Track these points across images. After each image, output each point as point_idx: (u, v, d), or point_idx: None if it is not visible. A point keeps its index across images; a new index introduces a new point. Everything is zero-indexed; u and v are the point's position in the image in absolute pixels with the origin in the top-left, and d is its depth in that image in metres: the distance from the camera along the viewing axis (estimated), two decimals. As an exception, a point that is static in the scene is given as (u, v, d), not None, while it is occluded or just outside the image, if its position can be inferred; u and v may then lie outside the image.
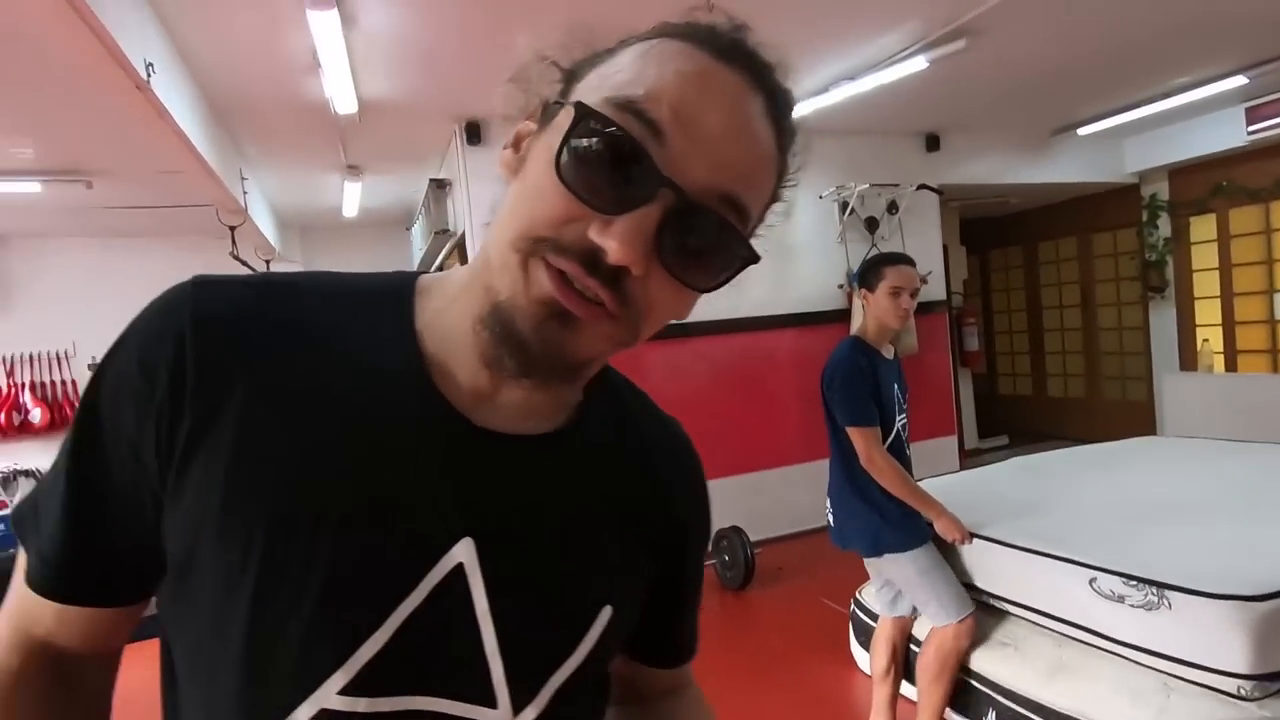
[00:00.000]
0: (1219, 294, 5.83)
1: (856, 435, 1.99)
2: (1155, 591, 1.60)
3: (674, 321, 0.47)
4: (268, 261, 5.57)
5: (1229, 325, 5.79)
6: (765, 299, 4.61)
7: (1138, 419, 6.26)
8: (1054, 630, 1.89)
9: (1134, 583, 1.64)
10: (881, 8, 2.96)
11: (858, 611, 2.65)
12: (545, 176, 0.41)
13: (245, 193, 4.11)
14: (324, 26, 2.48)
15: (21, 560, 0.45)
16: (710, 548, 3.05)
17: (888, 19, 3.08)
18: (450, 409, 0.45)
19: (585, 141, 0.40)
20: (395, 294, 0.49)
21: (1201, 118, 5.36)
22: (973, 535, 2.05)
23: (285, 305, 0.46)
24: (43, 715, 0.45)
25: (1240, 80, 4.30)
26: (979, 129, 5.20)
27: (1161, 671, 1.65)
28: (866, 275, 2.19)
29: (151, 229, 5.53)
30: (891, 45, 3.36)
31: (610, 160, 0.40)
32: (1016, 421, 7.44)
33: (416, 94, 3.47)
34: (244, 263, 4.59)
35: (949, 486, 2.72)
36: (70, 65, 2.23)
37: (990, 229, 7.57)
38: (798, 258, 4.71)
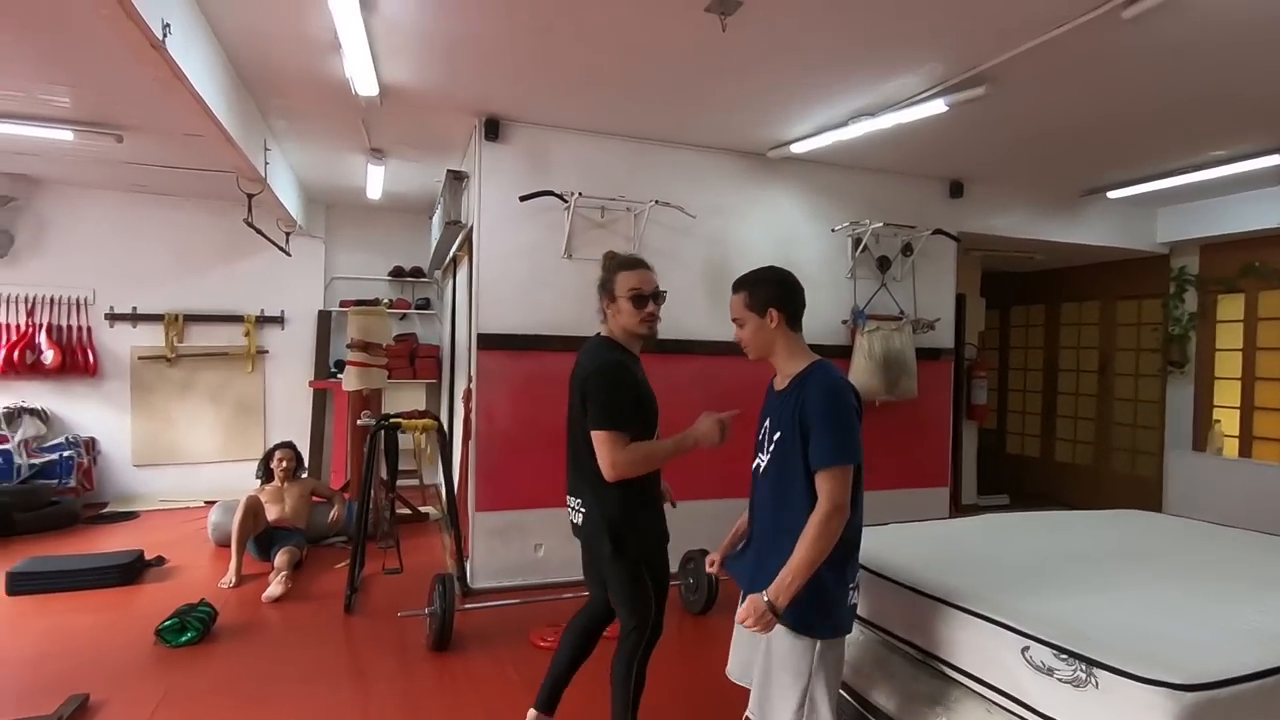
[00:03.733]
0: (1240, 376, 5.65)
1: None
2: (1084, 668, 1.52)
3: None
4: (288, 234, 5.68)
5: (1247, 409, 5.60)
6: (767, 326, 4.57)
7: (1143, 494, 6.07)
8: (984, 695, 1.82)
9: (1064, 656, 1.56)
10: (901, 46, 2.95)
11: None
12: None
13: (267, 163, 4.20)
14: (341, 6, 2.53)
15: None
16: (677, 569, 3.38)
17: (907, 58, 3.06)
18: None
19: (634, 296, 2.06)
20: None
21: (1239, 195, 5.23)
22: (918, 590, 2.00)
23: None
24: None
25: (1276, 160, 4.19)
26: (1004, 180, 5.13)
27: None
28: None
29: (177, 188, 5.67)
30: (912, 86, 3.33)
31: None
32: (1020, 482, 7.27)
33: (437, 84, 3.52)
34: (259, 230, 4.69)
35: (915, 534, 2.66)
36: (88, 15, 2.30)
37: (1014, 284, 7.45)
38: (805, 289, 4.66)
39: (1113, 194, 5.17)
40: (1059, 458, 7.14)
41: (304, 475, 4.87)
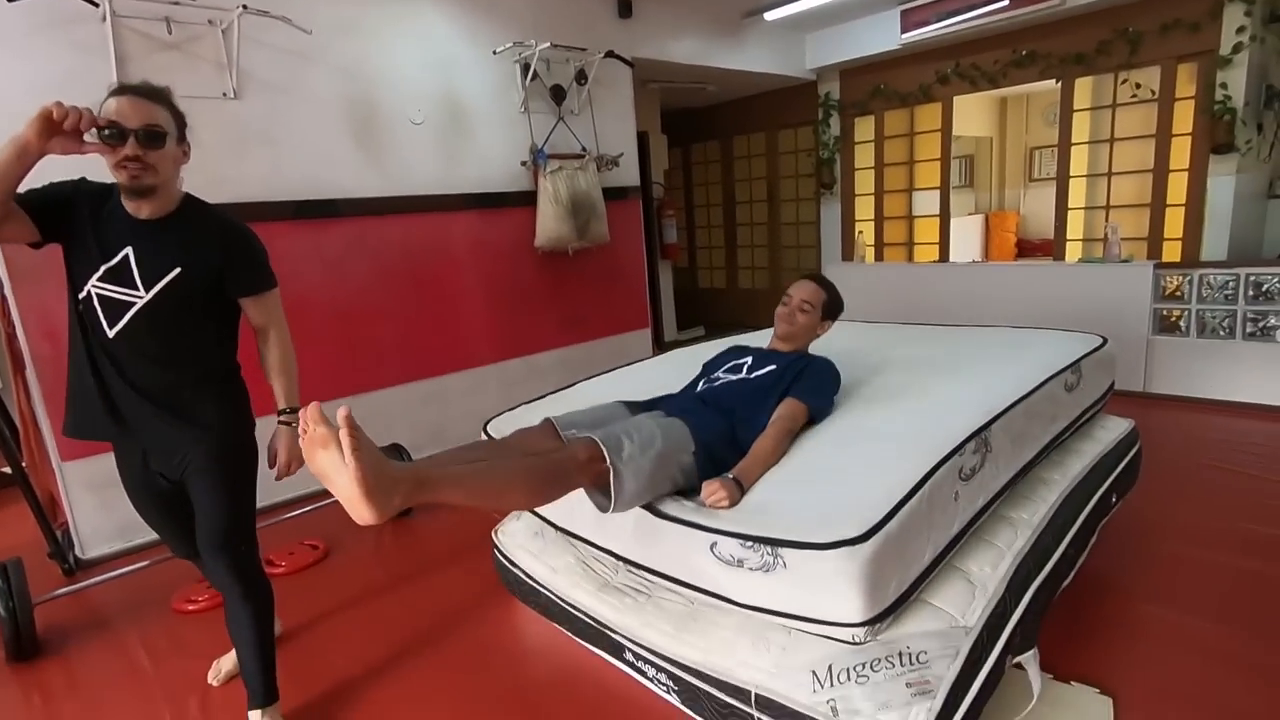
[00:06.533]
0: (873, 191, 6.44)
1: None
2: (770, 551, 1.37)
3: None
4: None
5: (879, 220, 6.46)
6: (435, 176, 3.88)
7: (808, 307, 6.85)
8: (686, 595, 1.63)
9: (749, 544, 1.40)
10: None
11: (500, 556, 2.27)
12: None
13: None
14: None
15: None
16: None
17: None
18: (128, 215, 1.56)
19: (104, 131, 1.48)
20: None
21: (866, 19, 5.64)
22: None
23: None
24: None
25: (898, -25, 4.45)
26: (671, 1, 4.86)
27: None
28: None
29: None
30: None
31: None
32: (714, 314, 7.81)
33: None
34: None
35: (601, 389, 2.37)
36: None
37: (692, 120, 7.55)
38: (474, 127, 4.02)
39: (769, 15, 5.21)
40: (742, 285, 7.75)
41: None
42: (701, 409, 1.85)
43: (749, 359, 2.05)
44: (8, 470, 3.97)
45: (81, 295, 1.57)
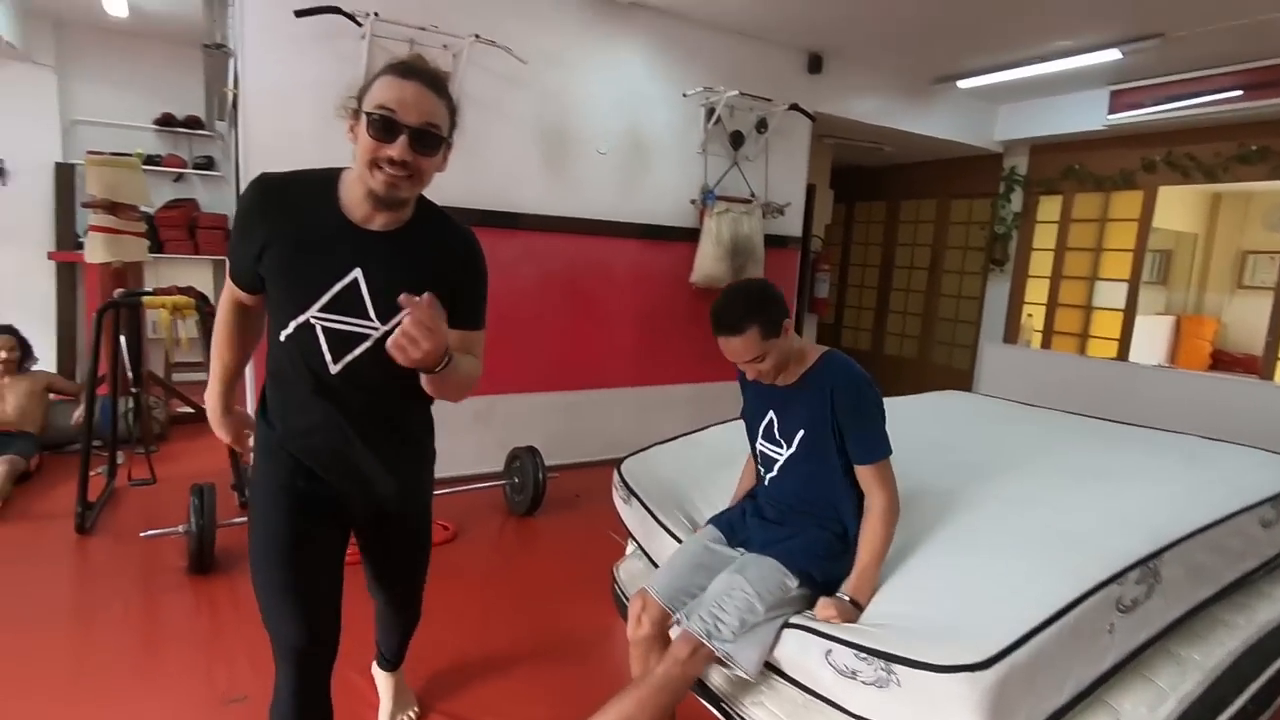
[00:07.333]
0: (1049, 274, 6.03)
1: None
2: (884, 666, 1.30)
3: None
4: (-11, 52, 4.29)
5: (1052, 305, 6.03)
6: (610, 204, 4.11)
7: (957, 384, 6.49)
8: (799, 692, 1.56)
9: (864, 656, 1.33)
10: None
11: (619, 592, 2.31)
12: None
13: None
14: None
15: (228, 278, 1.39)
16: (502, 468, 3.47)
17: None
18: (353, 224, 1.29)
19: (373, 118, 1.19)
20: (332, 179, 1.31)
21: (1069, 95, 5.35)
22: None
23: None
24: (240, 318, 1.45)
25: (1114, 54, 4.21)
26: (863, 60, 4.86)
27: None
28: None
29: None
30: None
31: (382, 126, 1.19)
32: (852, 374, 7.56)
33: None
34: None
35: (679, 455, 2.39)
36: None
37: (861, 179, 7.46)
38: (652, 162, 4.21)
39: (962, 84, 5.08)
40: (888, 351, 7.48)
41: (34, 367, 3.90)
42: (785, 532, 1.70)
43: (771, 415, 1.77)
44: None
45: (298, 323, 1.28)
